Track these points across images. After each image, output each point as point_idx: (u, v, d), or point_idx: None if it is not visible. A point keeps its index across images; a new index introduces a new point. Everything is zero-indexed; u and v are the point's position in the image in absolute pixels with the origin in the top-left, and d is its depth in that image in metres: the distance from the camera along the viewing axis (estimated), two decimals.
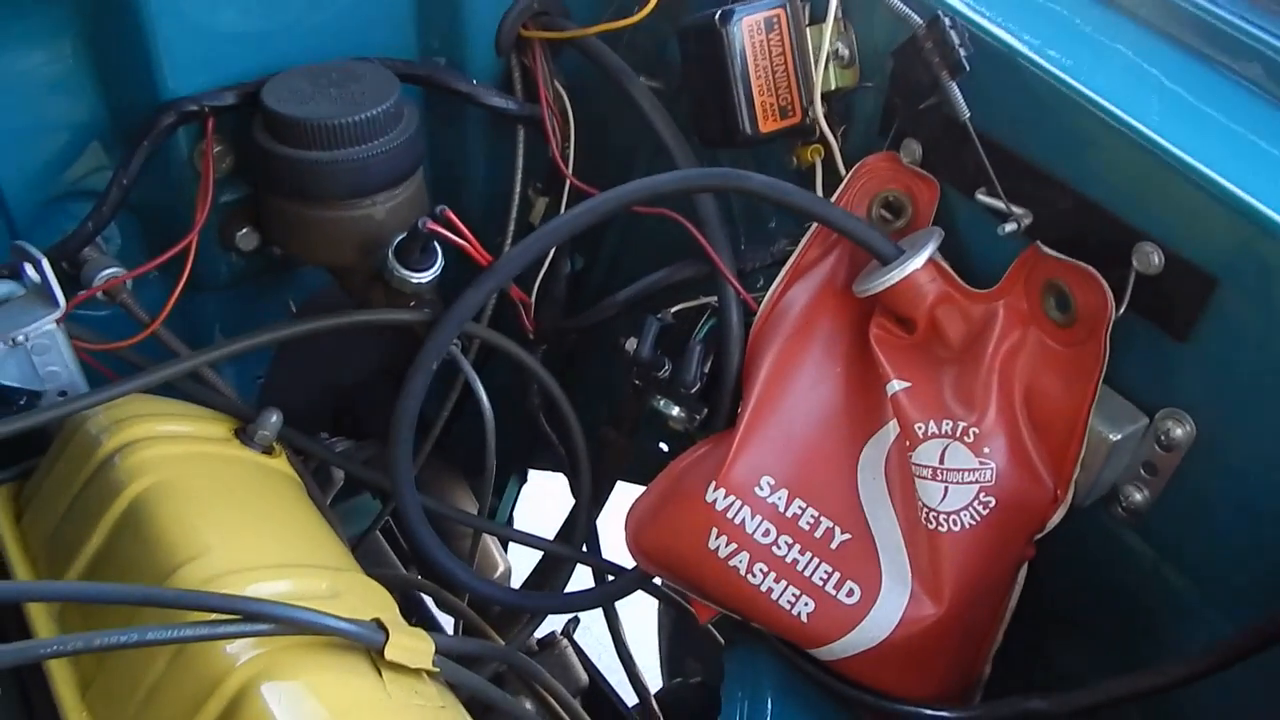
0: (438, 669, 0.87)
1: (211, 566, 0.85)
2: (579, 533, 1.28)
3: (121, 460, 0.96)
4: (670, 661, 1.86)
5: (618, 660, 1.41)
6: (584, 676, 1.49)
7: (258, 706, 0.76)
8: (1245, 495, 0.86)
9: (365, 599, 0.90)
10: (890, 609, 0.95)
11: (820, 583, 0.98)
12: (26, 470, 1.08)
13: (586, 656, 1.52)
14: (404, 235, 1.11)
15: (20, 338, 1.01)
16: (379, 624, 0.83)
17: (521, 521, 1.83)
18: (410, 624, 0.87)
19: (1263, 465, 0.84)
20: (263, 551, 0.90)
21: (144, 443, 0.98)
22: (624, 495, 1.25)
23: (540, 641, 1.49)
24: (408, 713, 0.82)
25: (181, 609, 0.78)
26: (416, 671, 0.85)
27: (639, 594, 1.26)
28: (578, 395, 1.32)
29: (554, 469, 1.57)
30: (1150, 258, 0.84)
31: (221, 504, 0.95)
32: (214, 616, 0.77)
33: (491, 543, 1.74)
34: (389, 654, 0.82)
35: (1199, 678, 0.82)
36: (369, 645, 0.82)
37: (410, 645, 0.84)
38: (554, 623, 1.51)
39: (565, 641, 1.50)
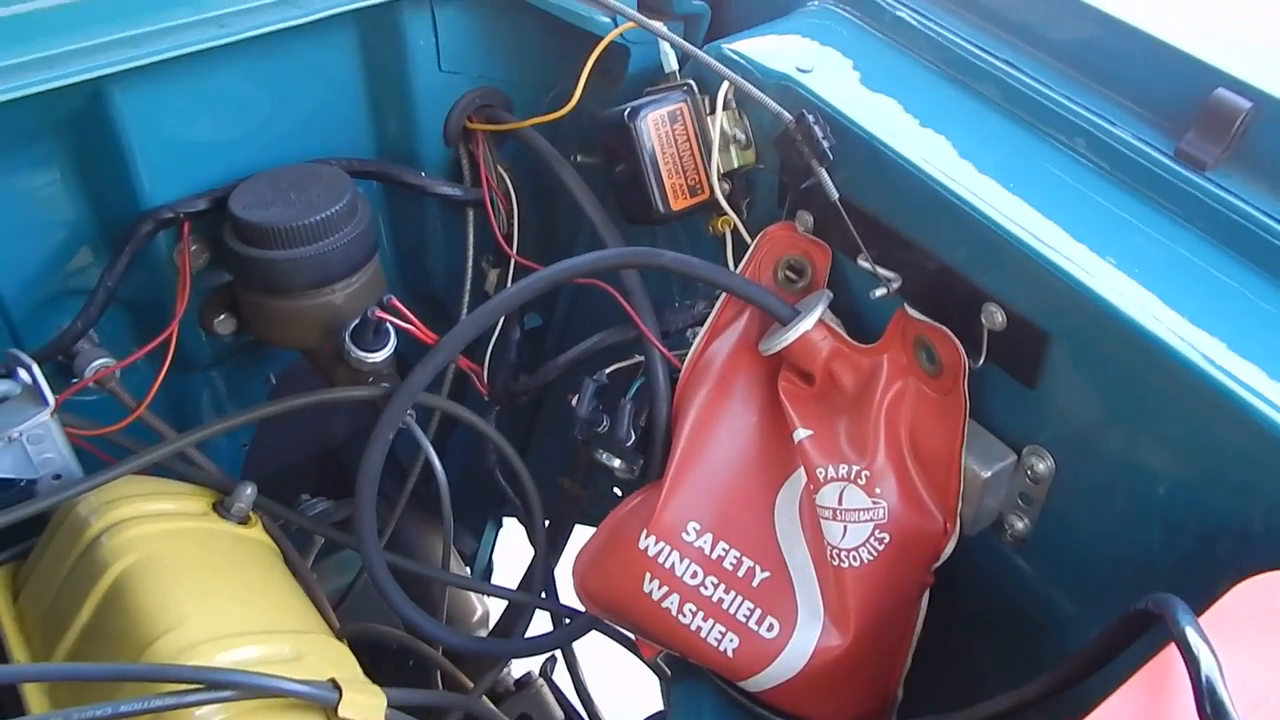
0: None
1: (185, 637, 0.96)
2: (536, 580, 1.39)
3: (108, 540, 1.08)
4: None
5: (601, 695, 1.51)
6: (559, 715, 1.59)
7: None
8: (1100, 517, 0.96)
9: (326, 659, 1.01)
10: (805, 641, 1.06)
11: (744, 619, 1.08)
12: (24, 550, 1.19)
13: (563, 695, 1.62)
14: (357, 321, 1.22)
15: (15, 434, 1.12)
16: (334, 683, 0.94)
17: (507, 561, 1.93)
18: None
19: (1110, 490, 0.94)
20: (232, 620, 1.01)
21: (129, 522, 1.10)
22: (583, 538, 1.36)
23: (517, 681, 1.60)
24: None
25: (154, 681, 0.89)
26: None
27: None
28: (544, 450, 1.43)
29: (517, 517, 1.68)
30: (995, 316, 0.95)
31: (197, 576, 1.07)
32: (183, 686, 0.89)
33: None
34: (342, 711, 0.93)
35: (1080, 679, 0.91)
36: (324, 704, 0.93)
37: (363, 701, 0.95)
38: (533, 662, 1.62)
39: (541, 681, 1.60)
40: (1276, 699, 0.63)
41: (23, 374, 1.14)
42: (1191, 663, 0.62)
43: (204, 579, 1.06)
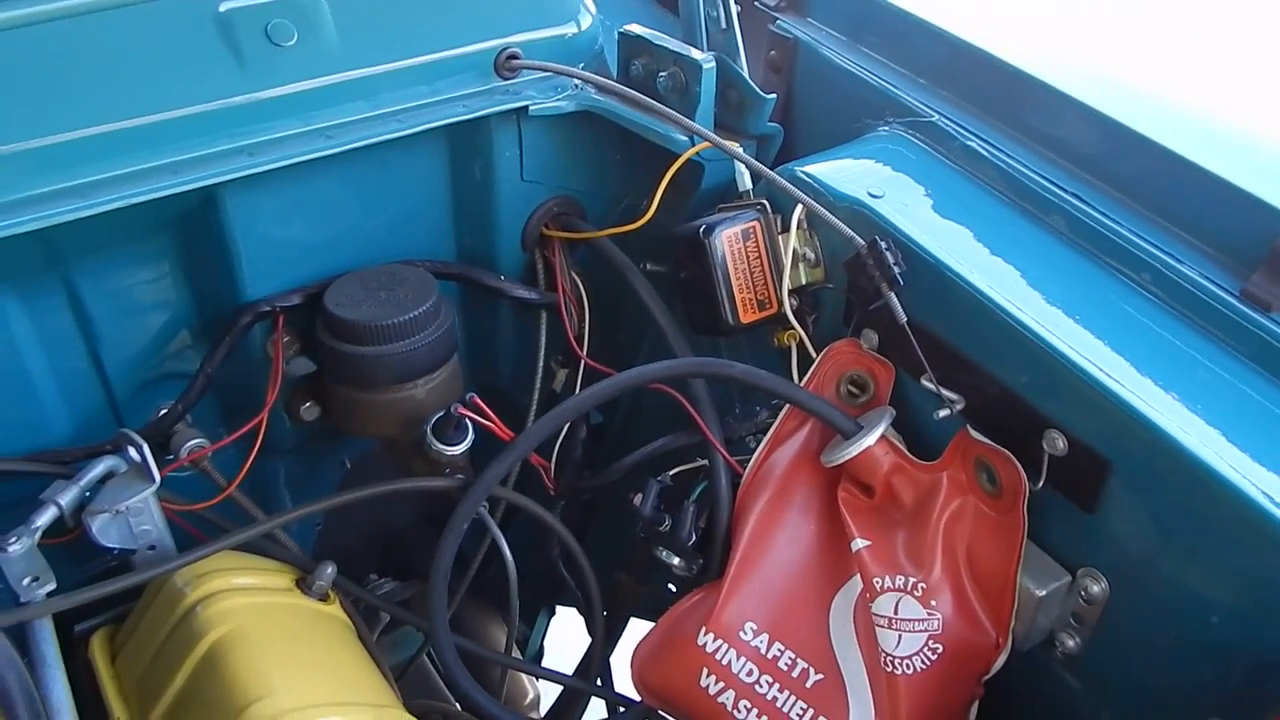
0: None
1: (276, 705, 1.02)
2: (593, 667, 1.43)
3: (202, 610, 1.14)
4: None
5: None
6: None
7: None
8: (1152, 642, 1.00)
9: None
10: None
11: (796, 718, 1.13)
12: (119, 615, 1.26)
13: None
14: (440, 415, 1.29)
15: (122, 508, 1.19)
16: None
17: (557, 647, 1.97)
18: None
19: (1163, 617, 0.98)
20: (317, 691, 1.07)
21: (221, 595, 1.16)
22: (639, 630, 1.40)
23: None
24: None
25: None
26: None
27: None
28: (598, 540, 1.48)
29: (576, 607, 1.72)
30: (1057, 442, 1.01)
31: (285, 648, 1.13)
32: None
33: (521, 675, 1.89)
34: None
35: None
36: None
37: None
38: None
39: None
40: None
41: (131, 452, 1.21)
42: None
43: (290, 650, 1.12)
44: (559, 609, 1.92)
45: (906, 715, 1.08)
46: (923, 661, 1.08)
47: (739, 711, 1.14)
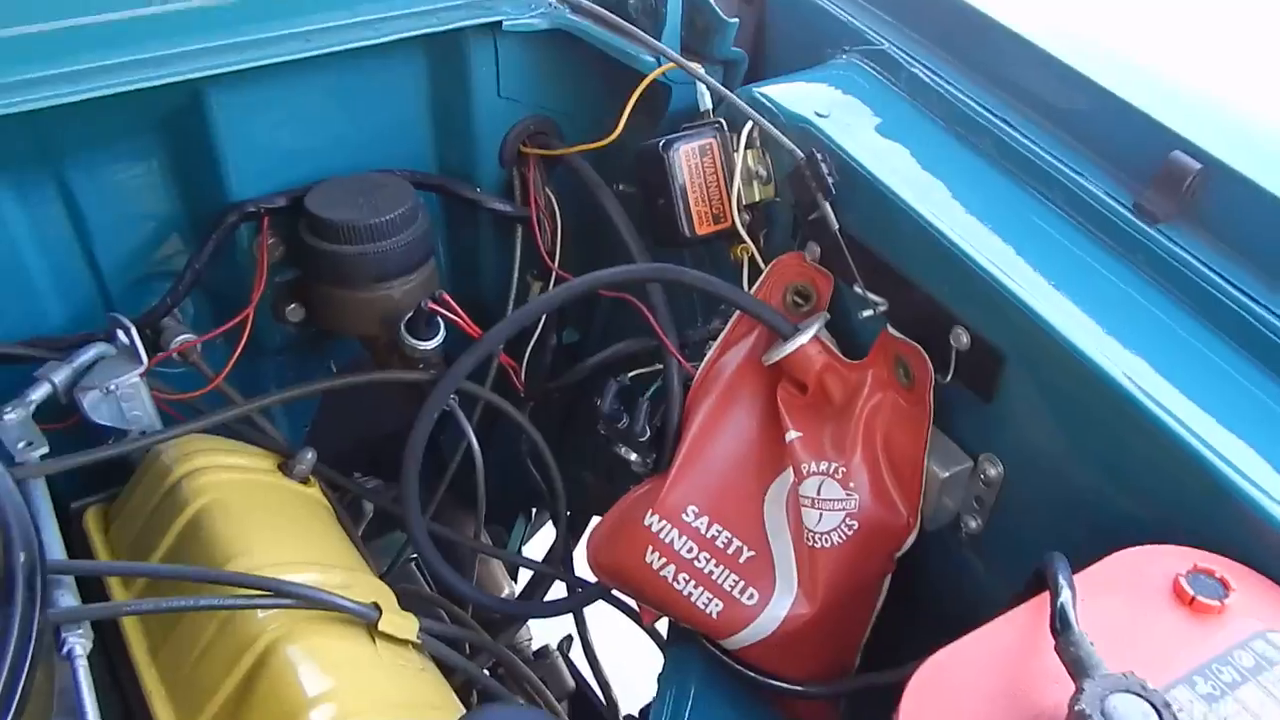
0: (420, 642, 1.14)
1: (252, 561, 1.13)
2: (557, 555, 1.54)
3: (188, 483, 1.25)
4: None
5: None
6: (570, 682, 1.74)
7: (279, 660, 1.04)
8: (1038, 519, 1.10)
9: (370, 589, 1.17)
10: (779, 608, 1.21)
11: (729, 589, 1.24)
12: (112, 495, 1.37)
13: (575, 667, 1.78)
14: (412, 313, 1.39)
15: (112, 386, 1.29)
16: (375, 605, 1.10)
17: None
18: None
19: (1047, 495, 1.08)
20: (293, 551, 1.18)
21: (205, 470, 1.27)
22: None
23: (535, 652, 1.75)
24: (394, 670, 1.09)
25: (228, 585, 1.06)
26: (404, 642, 1.13)
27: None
28: (571, 452, 1.58)
29: (546, 507, 1.84)
30: (961, 337, 1.10)
31: (264, 517, 1.24)
32: (252, 592, 1.05)
33: (499, 572, 2.01)
34: (382, 627, 1.10)
35: None
36: (366, 620, 1.09)
37: (399, 622, 1.11)
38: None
39: (556, 653, 1.76)
40: (1120, 629, 0.78)
41: (121, 336, 1.32)
42: (1054, 591, 0.76)
43: (269, 519, 1.23)
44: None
45: (824, 584, 1.19)
46: (840, 536, 1.18)
47: (678, 583, 1.25)
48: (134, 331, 1.31)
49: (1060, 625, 0.74)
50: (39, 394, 1.26)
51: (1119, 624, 0.79)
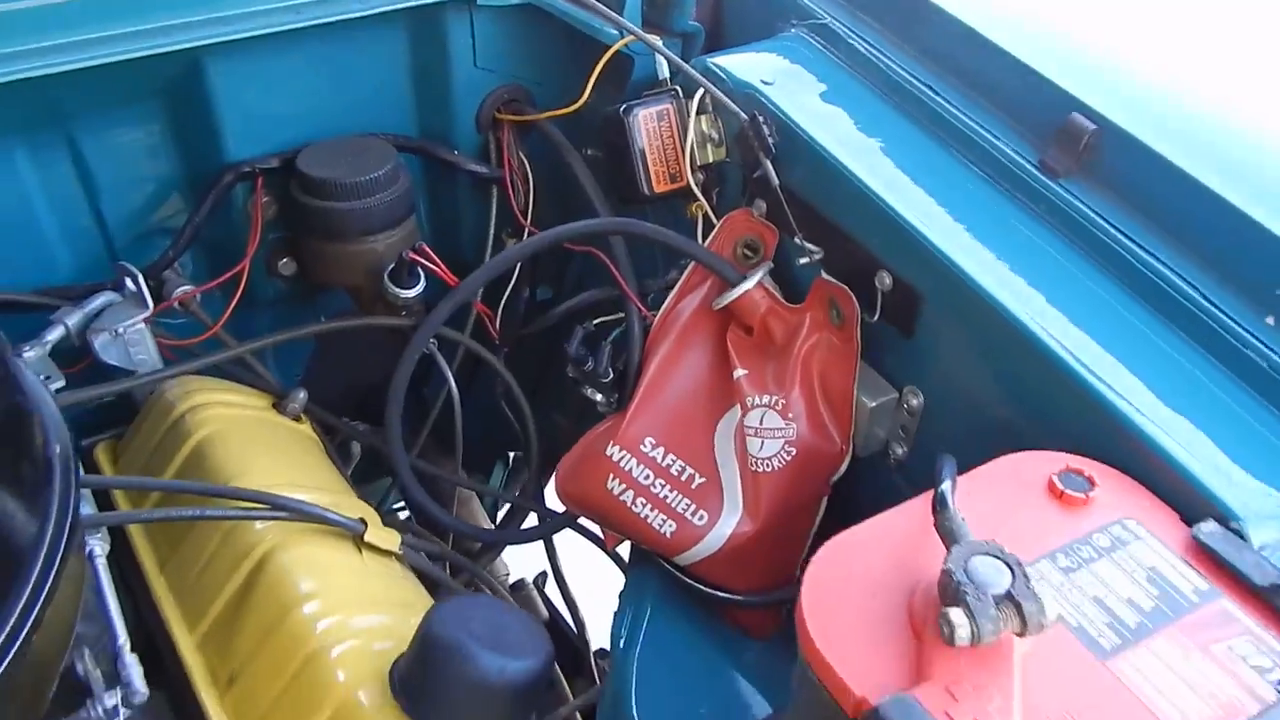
0: (403, 554, 1.27)
1: (251, 482, 1.26)
2: (528, 488, 1.68)
3: (190, 417, 1.38)
4: None
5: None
6: (545, 613, 1.88)
7: (276, 565, 1.17)
8: (953, 445, 1.22)
9: (357, 509, 1.31)
10: (725, 527, 1.34)
11: (681, 511, 1.37)
12: (119, 433, 1.50)
13: (549, 599, 1.91)
14: (394, 264, 1.52)
15: (120, 330, 1.42)
16: (361, 520, 1.23)
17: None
18: None
19: (960, 422, 1.22)
20: (287, 476, 1.31)
21: (206, 406, 1.40)
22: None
23: (512, 585, 1.89)
24: (377, 577, 1.22)
25: (228, 499, 1.19)
26: (388, 553, 1.26)
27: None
28: (546, 401, 1.71)
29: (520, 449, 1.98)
30: (885, 280, 1.24)
31: (259, 447, 1.37)
32: (250, 505, 1.18)
33: (479, 514, 2.14)
34: (367, 538, 1.23)
35: None
36: (353, 532, 1.22)
37: (383, 535, 1.25)
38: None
39: (532, 586, 1.89)
40: (998, 517, 0.91)
41: (129, 283, 1.44)
42: (937, 480, 0.90)
43: (264, 449, 1.36)
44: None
45: (766, 504, 1.32)
46: (780, 461, 1.31)
47: (636, 507, 1.38)
48: (141, 278, 1.44)
49: (939, 505, 0.88)
50: (54, 335, 1.38)
51: (998, 512, 0.92)
